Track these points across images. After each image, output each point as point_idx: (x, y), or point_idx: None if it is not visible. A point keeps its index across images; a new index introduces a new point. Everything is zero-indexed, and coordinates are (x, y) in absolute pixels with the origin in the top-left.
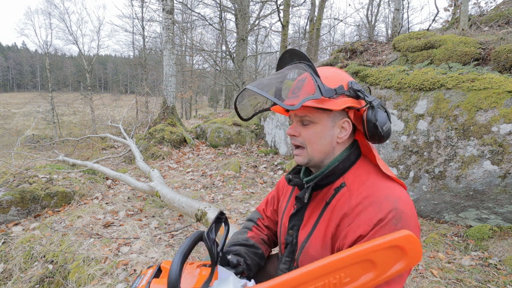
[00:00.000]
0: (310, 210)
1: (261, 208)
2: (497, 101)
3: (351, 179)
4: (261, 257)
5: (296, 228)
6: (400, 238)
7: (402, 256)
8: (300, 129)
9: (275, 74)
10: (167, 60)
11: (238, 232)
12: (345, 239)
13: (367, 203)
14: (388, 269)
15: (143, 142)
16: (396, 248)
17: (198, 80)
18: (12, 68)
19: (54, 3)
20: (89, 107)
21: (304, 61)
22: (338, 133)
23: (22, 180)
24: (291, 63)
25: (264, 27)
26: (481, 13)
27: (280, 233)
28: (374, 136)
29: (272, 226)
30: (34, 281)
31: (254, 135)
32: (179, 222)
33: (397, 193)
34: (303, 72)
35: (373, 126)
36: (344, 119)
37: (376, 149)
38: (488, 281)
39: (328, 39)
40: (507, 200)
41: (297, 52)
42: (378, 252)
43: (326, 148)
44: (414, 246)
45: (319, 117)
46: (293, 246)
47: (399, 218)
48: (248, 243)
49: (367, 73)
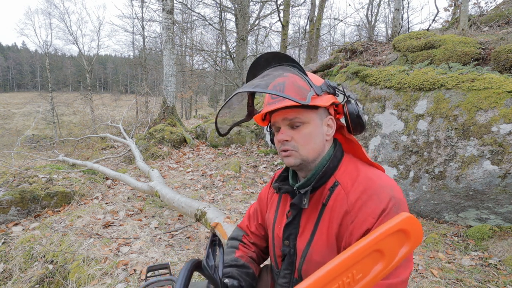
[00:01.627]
0: (306, 216)
1: (244, 224)
2: (497, 101)
3: (342, 177)
4: (253, 277)
5: (292, 237)
6: (403, 221)
7: (405, 239)
8: (292, 132)
9: (259, 78)
10: (167, 60)
11: (225, 252)
12: (352, 236)
13: (366, 197)
14: (395, 255)
15: (143, 142)
16: (400, 232)
17: (198, 80)
18: (12, 68)
19: (54, 3)
20: (89, 107)
21: (287, 63)
22: (326, 131)
23: (22, 180)
24: (270, 66)
25: (264, 27)
26: (481, 13)
27: (274, 246)
28: (357, 126)
29: (258, 242)
30: (34, 281)
31: (254, 135)
32: (179, 222)
33: (388, 181)
34: (287, 73)
35: (356, 117)
36: (328, 116)
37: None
38: (488, 281)
39: (328, 39)
40: (507, 200)
41: (279, 55)
42: (385, 239)
43: (319, 147)
44: (416, 227)
45: (310, 117)
46: (291, 257)
47: (398, 205)
48: (238, 263)
49: (367, 73)
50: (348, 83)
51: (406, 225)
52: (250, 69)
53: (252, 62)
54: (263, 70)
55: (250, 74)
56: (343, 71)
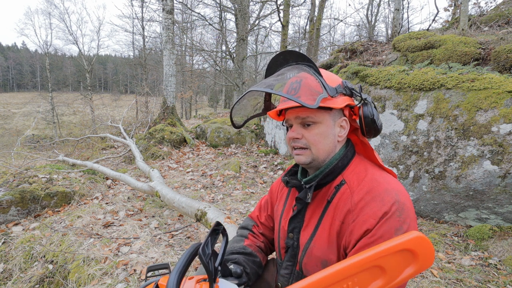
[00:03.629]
0: (311, 211)
1: (255, 214)
2: (497, 101)
3: (350, 176)
4: (259, 266)
5: (297, 231)
6: (410, 241)
7: (412, 260)
8: (303, 131)
9: (275, 76)
10: (167, 60)
11: (234, 240)
12: (351, 235)
13: (369, 198)
14: (398, 275)
15: (143, 142)
16: (406, 251)
17: (198, 80)
18: (12, 68)
19: (54, 3)
20: (89, 107)
21: (304, 62)
22: (338, 132)
23: (22, 180)
24: (287, 65)
25: (264, 27)
26: (481, 13)
27: (279, 237)
28: (370, 130)
29: (267, 232)
30: (34, 281)
31: (254, 135)
32: (179, 222)
33: (395, 186)
34: (302, 72)
35: (371, 121)
36: (342, 117)
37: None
38: (488, 281)
39: (328, 39)
40: (507, 200)
41: (296, 54)
42: (387, 257)
43: (329, 147)
44: (426, 249)
45: (322, 117)
46: (294, 250)
47: (402, 210)
48: (246, 251)
49: (367, 73)
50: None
51: (414, 245)
52: (269, 66)
53: (271, 58)
54: (281, 68)
55: (269, 70)
56: (343, 71)
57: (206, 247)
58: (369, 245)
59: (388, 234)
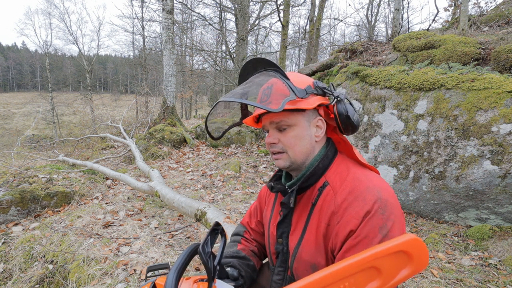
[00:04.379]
0: (297, 215)
1: (245, 221)
2: (497, 101)
3: (332, 177)
4: (253, 270)
5: (285, 236)
6: (405, 243)
7: (408, 262)
8: (278, 135)
9: (244, 84)
10: (167, 60)
11: (227, 245)
12: (337, 237)
13: (351, 198)
14: (394, 276)
15: (143, 142)
16: (401, 253)
17: (198, 80)
18: (12, 68)
19: (54, 3)
20: (89, 107)
21: (270, 68)
22: (315, 132)
23: (22, 180)
24: (255, 72)
25: (264, 27)
26: (481, 13)
27: (269, 243)
28: (347, 127)
29: (259, 238)
30: (34, 281)
31: (254, 135)
32: (179, 222)
33: (377, 183)
34: (270, 78)
35: (346, 118)
36: (317, 117)
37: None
38: (488, 281)
39: (328, 39)
40: (507, 200)
41: (262, 60)
42: (383, 258)
43: (306, 148)
44: (420, 251)
45: (295, 119)
46: (284, 255)
47: (385, 207)
48: (240, 255)
49: (367, 73)
50: (348, 83)
51: (409, 247)
52: (240, 74)
53: (242, 66)
54: (250, 75)
55: (240, 78)
56: (343, 71)
57: (205, 245)
58: (355, 246)
59: (373, 233)
